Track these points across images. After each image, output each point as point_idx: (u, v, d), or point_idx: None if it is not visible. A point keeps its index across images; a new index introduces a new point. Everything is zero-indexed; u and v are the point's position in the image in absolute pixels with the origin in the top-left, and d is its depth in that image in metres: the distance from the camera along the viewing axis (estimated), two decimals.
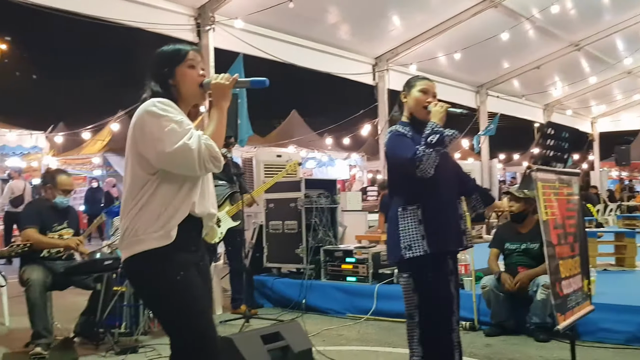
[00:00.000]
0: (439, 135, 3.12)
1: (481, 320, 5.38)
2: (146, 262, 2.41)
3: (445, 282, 3.33)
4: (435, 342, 3.29)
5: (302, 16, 10.05)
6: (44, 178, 5.73)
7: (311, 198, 6.86)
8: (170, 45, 2.61)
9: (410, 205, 3.26)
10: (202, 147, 2.32)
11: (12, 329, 6.06)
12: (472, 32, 11.60)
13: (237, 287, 6.53)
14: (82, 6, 8.33)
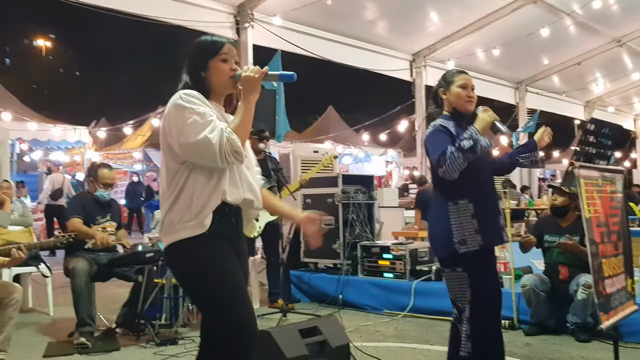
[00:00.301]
0: (473, 143, 3.07)
1: (521, 319, 5.30)
2: (183, 250, 2.45)
3: (496, 276, 3.35)
4: (486, 336, 3.26)
5: (340, 12, 10.03)
6: (88, 172, 5.84)
7: (348, 194, 6.85)
8: (208, 36, 2.65)
9: (462, 199, 3.22)
10: (223, 140, 2.33)
11: (56, 318, 6.19)
12: (511, 28, 11.41)
13: (274, 282, 6.56)
14: (125, 4, 8.45)
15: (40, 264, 6.40)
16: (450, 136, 3.24)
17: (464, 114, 3.37)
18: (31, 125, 12.97)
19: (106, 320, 5.63)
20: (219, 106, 2.59)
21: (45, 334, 5.46)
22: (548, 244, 5.26)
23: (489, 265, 3.33)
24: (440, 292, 5.76)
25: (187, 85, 2.53)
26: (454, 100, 3.38)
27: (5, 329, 4.15)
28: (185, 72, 2.58)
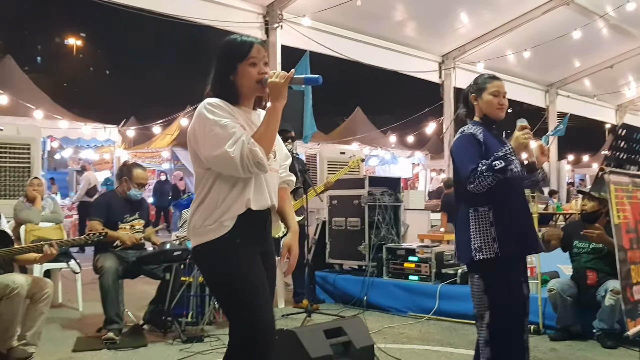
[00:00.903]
0: (505, 165, 3.05)
1: (546, 324, 5.27)
2: (207, 252, 2.50)
3: (518, 284, 3.27)
4: (504, 345, 3.23)
5: (369, 13, 10.04)
6: (120, 171, 5.92)
7: (375, 195, 6.87)
8: (236, 36, 2.62)
9: (481, 207, 3.21)
10: (245, 152, 2.34)
11: (85, 314, 6.29)
12: (542, 30, 11.32)
13: (299, 282, 6.60)
14: (155, 4, 8.56)
15: (70, 260, 6.50)
16: (479, 144, 3.24)
17: (494, 120, 3.38)
18: (62, 123, 13.17)
19: (134, 317, 5.72)
20: (248, 110, 2.60)
21: (75, 329, 5.56)
22: (577, 250, 5.22)
23: (510, 275, 3.25)
24: (466, 296, 5.73)
25: (215, 90, 2.55)
26: (485, 107, 3.38)
27: (36, 324, 4.25)
28: (213, 74, 2.58)
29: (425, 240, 8.68)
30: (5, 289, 4.05)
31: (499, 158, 3.06)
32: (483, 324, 3.26)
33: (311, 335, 3.74)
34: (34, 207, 6.52)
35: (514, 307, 3.24)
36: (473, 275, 3.30)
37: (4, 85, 12.28)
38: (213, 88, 2.56)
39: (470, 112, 3.47)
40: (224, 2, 9.06)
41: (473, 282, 3.30)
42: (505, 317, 3.21)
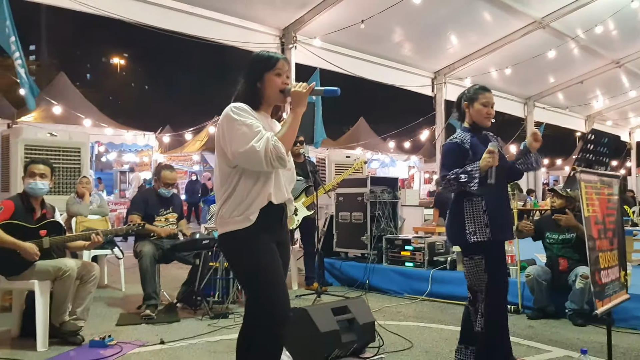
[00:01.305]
0: (467, 180, 3.12)
1: (525, 305, 5.24)
2: (232, 240, 2.50)
3: (504, 265, 3.38)
4: (496, 315, 3.30)
5: (371, 35, 10.02)
6: (155, 171, 5.94)
7: (375, 193, 6.85)
8: (265, 51, 2.64)
9: (475, 197, 3.25)
10: (269, 147, 2.34)
11: (127, 294, 6.32)
12: (521, 50, 11.26)
13: (310, 267, 6.59)
14: (188, 27, 8.60)
15: (114, 247, 6.51)
16: (463, 152, 3.28)
17: (481, 127, 3.40)
18: (107, 130, 13.24)
19: (168, 296, 5.72)
20: (267, 115, 2.60)
21: (118, 307, 5.59)
22: (549, 240, 5.19)
23: (499, 255, 3.36)
24: (454, 280, 5.75)
25: (241, 94, 2.54)
26: (474, 114, 3.38)
27: (85, 302, 4.26)
28: (242, 81, 2.58)
29: (420, 232, 8.64)
30: (59, 272, 4.07)
31: (465, 172, 3.14)
32: (480, 299, 3.29)
33: (320, 313, 3.73)
34: (83, 202, 6.55)
35: (502, 285, 3.33)
36: (472, 256, 3.31)
37: (58, 98, 12.36)
38: (239, 94, 2.55)
39: (461, 117, 3.47)
40: (246, 25, 9.08)
41: (474, 263, 3.30)
42: (500, 292, 3.31)
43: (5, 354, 3.88)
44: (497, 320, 3.31)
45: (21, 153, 6.77)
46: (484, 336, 3.28)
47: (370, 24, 9.29)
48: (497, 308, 3.31)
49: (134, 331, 4.60)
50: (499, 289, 3.30)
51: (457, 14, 10.04)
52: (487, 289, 3.27)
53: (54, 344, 4.09)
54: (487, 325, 3.27)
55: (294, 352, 3.71)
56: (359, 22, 9.23)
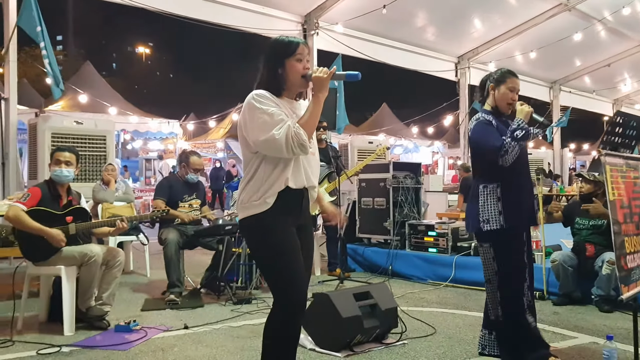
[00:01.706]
0: (525, 132, 3.04)
1: (550, 290, 5.16)
2: (251, 224, 2.49)
3: (520, 253, 3.21)
4: (509, 304, 3.19)
5: (394, 20, 9.90)
6: (180, 157, 5.96)
7: (398, 179, 6.79)
8: (284, 37, 2.59)
9: (491, 183, 3.16)
10: (290, 134, 2.33)
11: (152, 279, 6.39)
12: (547, 33, 11.01)
13: (333, 253, 6.58)
14: (210, 15, 8.61)
15: (139, 233, 6.59)
16: (496, 127, 3.17)
17: (501, 113, 3.29)
18: (133, 118, 13.35)
19: (192, 282, 5.77)
20: (290, 101, 2.56)
21: (143, 292, 5.65)
22: (578, 226, 5.08)
23: (515, 244, 3.19)
24: (478, 266, 5.63)
25: (263, 81, 2.51)
26: (499, 98, 3.28)
27: (111, 287, 4.31)
28: (262, 68, 2.55)
29: (443, 218, 8.56)
30: (85, 257, 4.11)
31: (516, 129, 3.05)
32: (493, 287, 3.23)
33: (342, 298, 3.71)
34: (109, 189, 6.62)
35: (515, 274, 3.19)
36: (482, 244, 3.26)
37: (85, 87, 12.50)
38: (261, 81, 2.52)
39: (483, 99, 3.37)
40: (268, 12, 9.05)
41: (484, 250, 3.24)
42: (510, 281, 3.19)
43: (33, 338, 3.95)
44: (513, 308, 3.18)
45: (48, 141, 6.87)
46: (503, 324, 3.22)
47: (393, 8, 9.17)
48: (512, 295, 3.18)
49: (159, 316, 4.64)
50: (509, 280, 3.17)
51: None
52: (498, 277, 3.20)
53: (80, 328, 4.15)
54: (504, 314, 3.19)
55: (316, 337, 3.71)
56: (381, 7, 9.12)
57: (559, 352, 3.55)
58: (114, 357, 3.58)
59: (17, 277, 4.30)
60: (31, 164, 7.35)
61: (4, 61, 7.34)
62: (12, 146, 7.20)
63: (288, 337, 2.50)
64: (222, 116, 17.58)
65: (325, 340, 3.66)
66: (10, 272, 5.95)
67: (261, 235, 2.48)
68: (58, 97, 7.75)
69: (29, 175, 7.40)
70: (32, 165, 7.31)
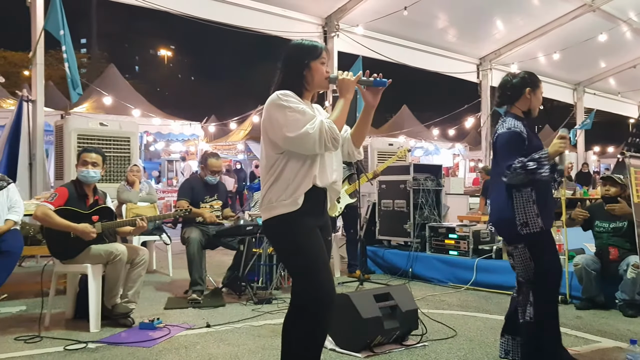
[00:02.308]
0: (536, 168, 2.98)
1: (573, 294, 5.11)
2: (278, 224, 2.50)
3: (556, 253, 3.25)
4: (546, 304, 3.19)
5: (415, 22, 9.90)
6: (200, 159, 6.04)
7: (419, 181, 6.78)
8: (307, 40, 2.64)
9: (525, 188, 3.12)
10: (324, 129, 2.38)
11: (174, 279, 6.47)
12: (571, 34, 10.91)
13: (353, 255, 6.60)
14: (233, 18, 8.72)
15: (162, 233, 6.70)
16: (523, 142, 3.13)
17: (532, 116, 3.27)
18: (155, 120, 13.51)
19: (214, 281, 5.84)
20: (308, 102, 2.61)
21: (166, 291, 5.73)
22: (598, 229, 5.03)
23: (548, 243, 3.23)
24: (500, 269, 5.66)
25: (287, 82, 2.54)
26: (535, 101, 3.25)
27: (136, 284, 4.39)
28: (284, 69, 2.59)
29: (464, 220, 8.52)
30: (110, 255, 4.20)
31: (533, 160, 2.99)
32: (526, 288, 3.21)
33: (363, 299, 3.73)
34: (133, 189, 6.72)
35: (555, 274, 3.22)
36: (517, 246, 3.21)
37: (109, 89, 12.72)
38: (284, 82, 2.56)
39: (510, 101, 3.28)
40: (289, 15, 9.13)
41: (519, 252, 3.20)
42: (553, 280, 3.21)
43: (60, 334, 4.05)
44: (548, 308, 3.19)
45: (74, 142, 7.00)
46: (534, 325, 3.18)
47: (414, 10, 9.18)
48: (548, 295, 3.20)
49: (181, 314, 4.71)
50: (546, 276, 3.18)
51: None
52: (536, 274, 3.17)
53: (106, 325, 4.24)
54: (536, 314, 3.16)
55: (336, 337, 3.73)
56: (402, 8, 9.13)
57: (582, 356, 3.53)
58: (139, 353, 3.65)
59: (44, 275, 4.40)
60: (57, 164, 7.50)
61: (31, 64, 7.50)
62: (39, 147, 7.38)
63: (316, 338, 2.52)
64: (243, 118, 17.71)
65: (345, 341, 3.68)
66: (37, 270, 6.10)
67: (289, 236, 2.50)
68: (75, 101, 7.89)
69: (55, 175, 7.55)
70: (58, 166, 7.46)
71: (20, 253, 5.04)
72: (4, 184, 5.13)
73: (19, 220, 5.17)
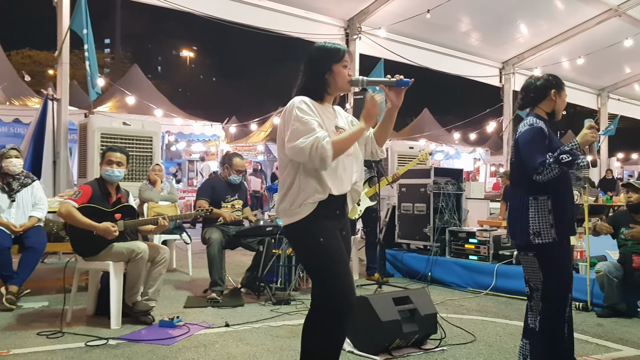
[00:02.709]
0: (572, 159, 2.88)
1: (594, 302, 5.04)
2: (294, 230, 2.52)
3: (568, 264, 3.16)
4: (552, 314, 3.11)
5: (437, 25, 9.86)
6: (223, 159, 6.08)
7: (439, 184, 6.75)
8: (329, 43, 2.64)
9: (541, 195, 3.04)
10: (315, 146, 2.34)
11: (194, 278, 6.52)
12: (595, 38, 10.77)
13: (372, 258, 6.58)
14: (254, 20, 8.76)
15: (183, 233, 6.76)
16: (545, 138, 3.05)
17: (555, 118, 3.21)
18: (177, 120, 13.64)
19: (233, 282, 5.88)
20: (328, 106, 2.60)
21: (185, 290, 5.78)
22: (623, 237, 4.96)
23: (560, 257, 3.11)
24: (520, 275, 5.56)
25: (307, 86, 2.55)
26: (559, 104, 3.20)
27: (156, 283, 4.43)
28: (306, 72, 2.59)
29: (485, 226, 8.45)
30: (132, 253, 4.25)
31: (565, 152, 2.89)
32: (538, 296, 3.15)
33: (382, 302, 3.72)
34: (154, 188, 6.80)
35: (564, 283, 3.10)
36: (527, 253, 3.15)
37: (132, 89, 12.88)
38: (304, 85, 2.57)
39: (533, 103, 3.23)
40: (311, 17, 9.16)
41: (528, 260, 3.16)
42: (557, 291, 3.09)
43: (81, 330, 4.11)
44: (553, 321, 3.09)
45: (97, 141, 7.10)
46: (539, 336, 3.12)
47: (437, 13, 9.15)
48: (555, 312, 3.09)
49: (201, 313, 4.75)
50: (554, 293, 3.08)
51: (528, 1, 9.71)
52: (543, 289, 3.11)
53: (126, 322, 4.29)
54: (541, 326, 3.09)
55: (355, 340, 3.74)
56: (425, 11, 9.10)
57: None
58: (159, 351, 3.69)
59: (67, 271, 4.47)
60: (80, 163, 7.61)
61: (56, 63, 7.63)
62: (64, 146, 7.50)
63: (335, 340, 2.52)
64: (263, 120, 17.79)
65: (363, 343, 3.68)
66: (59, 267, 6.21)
67: (306, 239, 2.52)
68: (93, 100, 7.97)
69: (79, 173, 7.66)
70: (81, 164, 7.57)
71: (43, 249, 5.15)
72: (28, 181, 5.25)
73: (43, 217, 5.28)
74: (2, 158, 5.12)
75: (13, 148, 5.21)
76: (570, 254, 3.26)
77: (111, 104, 12.99)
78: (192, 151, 19.32)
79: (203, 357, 3.59)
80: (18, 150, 5.24)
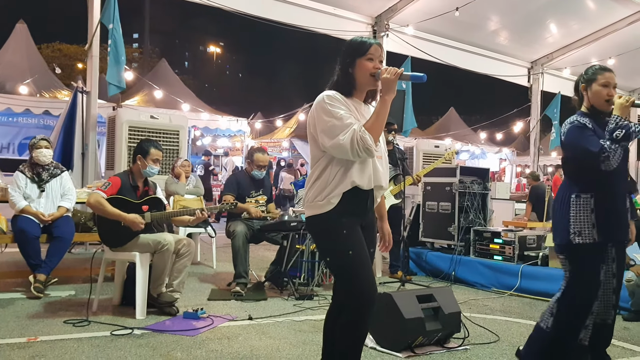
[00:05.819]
0: (625, 131, 2.78)
1: (621, 305, 4.92)
2: (317, 223, 2.53)
3: (597, 269, 2.96)
4: (566, 319, 2.99)
5: (466, 23, 9.76)
6: (247, 154, 6.11)
7: (465, 183, 6.69)
8: (359, 37, 2.63)
9: (584, 193, 2.95)
10: (356, 139, 2.35)
11: (218, 271, 6.57)
12: (627, 39, 10.52)
13: (395, 255, 6.55)
14: (282, 15, 8.77)
15: (207, 226, 6.80)
16: (588, 129, 2.94)
17: (601, 111, 3.05)
18: (203, 115, 13.74)
19: (257, 276, 5.91)
20: (359, 102, 2.59)
21: (209, 282, 5.83)
22: None
23: (597, 259, 2.96)
24: (546, 276, 5.53)
25: (335, 81, 2.56)
26: (592, 97, 3.07)
27: (181, 275, 4.48)
28: (338, 67, 2.59)
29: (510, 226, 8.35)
30: (158, 245, 4.30)
31: (614, 129, 2.80)
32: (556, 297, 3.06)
33: (405, 299, 3.71)
34: (180, 182, 6.87)
35: (585, 290, 2.96)
36: (559, 254, 3.07)
37: (160, 83, 13.02)
38: (336, 80, 2.57)
39: (579, 101, 3.17)
40: (339, 14, 9.13)
41: (560, 261, 3.08)
42: (574, 297, 2.98)
43: (107, 320, 4.17)
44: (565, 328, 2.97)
45: (125, 134, 7.20)
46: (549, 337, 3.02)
47: (466, 11, 9.05)
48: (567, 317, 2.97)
49: (224, 306, 4.78)
50: (574, 297, 2.96)
51: (558, 1, 9.54)
52: (563, 290, 3.01)
53: (151, 313, 4.34)
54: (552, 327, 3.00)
55: (377, 337, 3.73)
56: (454, 9, 9.01)
57: None
58: (183, 342, 3.72)
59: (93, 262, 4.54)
60: (108, 155, 7.73)
61: (86, 56, 7.74)
62: (92, 138, 7.61)
63: (357, 336, 2.51)
64: (289, 116, 17.82)
65: (386, 340, 3.67)
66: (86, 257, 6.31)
67: (327, 234, 2.52)
68: (111, 95, 8.01)
69: (106, 165, 7.78)
70: (109, 156, 7.69)
71: (71, 239, 5.24)
72: (58, 171, 5.34)
73: (71, 208, 5.37)
74: (33, 148, 5.21)
75: (43, 139, 5.30)
76: (612, 261, 3.06)
77: (139, 97, 13.16)
78: (217, 146, 19.46)
79: (226, 348, 3.61)
80: (48, 141, 5.33)
